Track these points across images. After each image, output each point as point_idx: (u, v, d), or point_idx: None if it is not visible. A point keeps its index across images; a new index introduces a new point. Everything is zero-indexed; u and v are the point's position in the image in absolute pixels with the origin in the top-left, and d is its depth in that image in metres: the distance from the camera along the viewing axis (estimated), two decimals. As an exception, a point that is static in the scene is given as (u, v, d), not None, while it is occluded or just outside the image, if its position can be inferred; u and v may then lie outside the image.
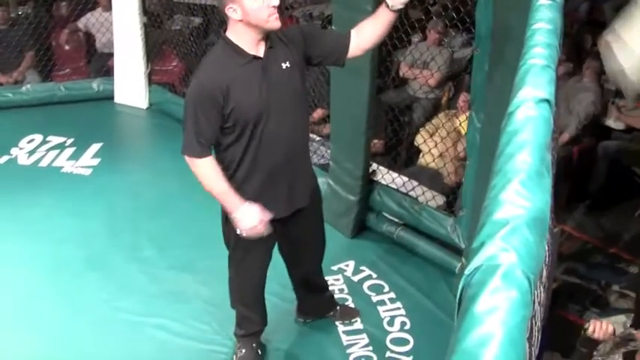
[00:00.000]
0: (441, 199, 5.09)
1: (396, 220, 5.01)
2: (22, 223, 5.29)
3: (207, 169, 3.14)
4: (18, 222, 5.30)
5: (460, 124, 5.28)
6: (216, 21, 7.36)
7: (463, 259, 4.44)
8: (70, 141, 6.63)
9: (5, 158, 6.33)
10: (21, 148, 6.51)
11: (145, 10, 7.27)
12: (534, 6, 2.29)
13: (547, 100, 1.63)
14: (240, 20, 2.99)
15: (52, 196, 5.67)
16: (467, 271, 1.15)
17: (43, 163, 6.25)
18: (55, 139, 6.68)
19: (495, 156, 1.50)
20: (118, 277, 4.65)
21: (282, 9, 7.88)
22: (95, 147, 6.52)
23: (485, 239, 1.19)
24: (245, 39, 3.05)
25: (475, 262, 1.14)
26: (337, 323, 4.20)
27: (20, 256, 4.87)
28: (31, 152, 6.44)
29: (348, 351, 4.03)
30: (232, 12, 2.97)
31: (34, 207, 5.50)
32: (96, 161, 6.28)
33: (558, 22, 2.19)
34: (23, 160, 6.32)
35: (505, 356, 0.95)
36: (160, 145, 6.78)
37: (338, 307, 4.21)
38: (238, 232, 3.23)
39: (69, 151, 6.46)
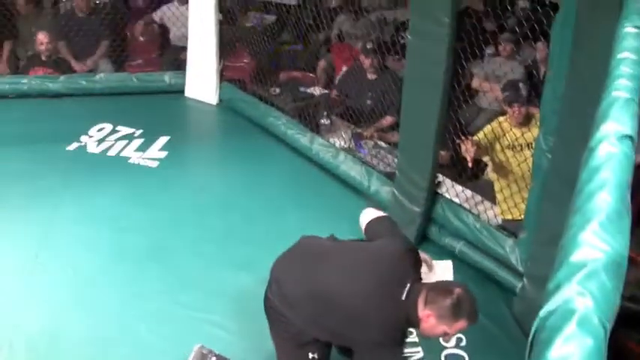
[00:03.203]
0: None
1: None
2: (87, 209, 5.40)
3: None
4: (83, 208, 5.41)
5: (516, 140, 5.04)
6: (290, 21, 7.37)
7: (525, 280, 4.35)
8: (138, 132, 6.75)
9: (75, 145, 6.46)
10: (90, 136, 6.64)
11: (221, 7, 7.33)
12: (620, 33, 2.23)
13: (629, 137, 1.59)
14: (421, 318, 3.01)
15: (118, 186, 5.76)
16: (541, 314, 1.13)
17: (112, 153, 6.36)
18: (124, 129, 6.80)
19: (575, 192, 1.47)
20: (178, 270, 4.69)
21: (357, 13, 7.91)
22: (163, 140, 6.60)
23: (562, 281, 1.17)
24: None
25: (550, 305, 1.12)
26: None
27: (83, 241, 4.96)
28: (100, 141, 6.57)
29: (405, 364, 4.01)
30: (426, 317, 2.97)
31: (100, 195, 5.60)
32: (163, 154, 6.36)
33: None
34: (92, 148, 6.45)
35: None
36: (227, 143, 6.86)
37: None
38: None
39: (137, 142, 6.56)
